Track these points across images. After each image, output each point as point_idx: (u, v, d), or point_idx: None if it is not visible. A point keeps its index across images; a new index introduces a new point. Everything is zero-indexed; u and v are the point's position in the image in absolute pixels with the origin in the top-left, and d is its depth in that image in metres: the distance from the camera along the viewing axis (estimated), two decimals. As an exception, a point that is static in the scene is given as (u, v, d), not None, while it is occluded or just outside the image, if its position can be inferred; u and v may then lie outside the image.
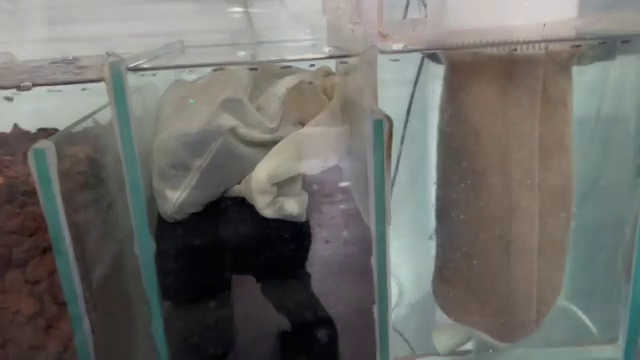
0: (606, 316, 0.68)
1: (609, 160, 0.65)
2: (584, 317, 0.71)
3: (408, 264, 0.77)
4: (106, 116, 0.48)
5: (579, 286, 0.69)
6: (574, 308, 0.72)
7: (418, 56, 0.53)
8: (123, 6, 0.68)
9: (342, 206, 0.48)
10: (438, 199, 0.55)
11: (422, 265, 0.70)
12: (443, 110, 0.51)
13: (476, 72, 0.47)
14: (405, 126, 0.75)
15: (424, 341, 0.70)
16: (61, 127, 0.54)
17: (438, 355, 0.69)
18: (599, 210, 0.63)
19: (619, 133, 0.64)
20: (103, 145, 0.51)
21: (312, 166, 0.46)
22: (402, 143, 0.75)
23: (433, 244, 0.68)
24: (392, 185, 0.79)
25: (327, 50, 0.55)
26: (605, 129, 0.65)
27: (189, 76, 0.54)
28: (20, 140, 0.54)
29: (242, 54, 0.51)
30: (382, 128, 0.43)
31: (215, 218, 0.45)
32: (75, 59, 0.60)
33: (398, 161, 0.76)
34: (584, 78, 0.53)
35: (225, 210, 0.45)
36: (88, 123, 0.50)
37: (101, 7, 0.67)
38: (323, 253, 0.47)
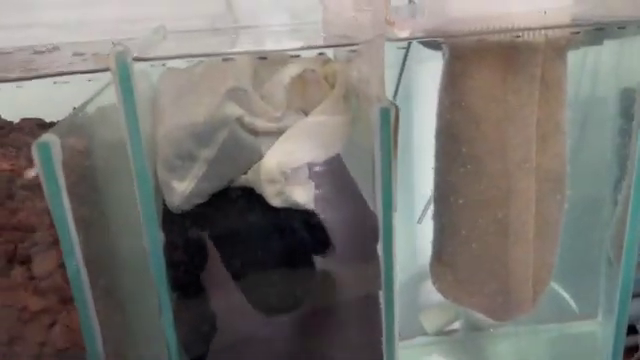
0: (585, 293, 0.71)
1: (586, 143, 0.67)
2: (565, 294, 0.74)
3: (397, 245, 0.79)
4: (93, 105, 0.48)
5: (561, 264, 0.71)
6: (557, 286, 0.74)
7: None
8: None
9: (347, 194, 0.48)
10: (437, 185, 0.56)
11: (408, 248, 0.71)
12: (443, 97, 0.52)
13: (478, 59, 0.48)
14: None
15: (411, 323, 0.72)
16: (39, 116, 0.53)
17: (426, 335, 0.71)
18: (578, 190, 0.65)
19: (596, 115, 0.66)
20: (94, 135, 0.50)
21: (318, 155, 0.46)
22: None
23: (420, 228, 0.70)
24: None
25: (323, 37, 0.55)
26: (583, 111, 0.67)
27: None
28: (6, 130, 0.52)
29: (246, 44, 0.50)
30: (389, 116, 0.43)
31: (223, 208, 0.45)
32: (55, 47, 0.59)
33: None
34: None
35: (234, 200, 0.45)
36: (77, 114, 0.49)
37: None
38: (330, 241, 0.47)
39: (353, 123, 0.49)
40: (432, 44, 0.52)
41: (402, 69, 0.71)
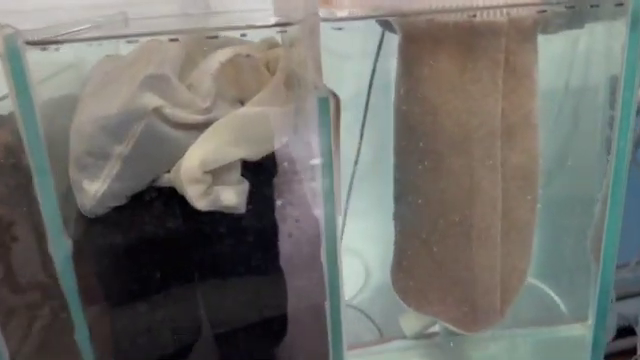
0: (576, 295, 0.66)
1: (576, 135, 0.62)
2: (554, 296, 0.69)
3: (375, 245, 0.75)
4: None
5: (549, 265, 0.66)
6: (544, 287, 0.70)
7: (372, 25, 0.48)
8: None
9: (288, 194, 0.43)
10: (396, 182, 0.51)
11: (390, 246, 0.69)
12: (398, 86, 0.47)
13: (432, 42, 0.43)
14: (367, 101, 0.71)
15: (392, 324, 0.68)
16: None
17: (406, 339, 0.66)
18: (567, 187, 0.60)
19: (587, 107, 0.60)
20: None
21: (252, 150, 0.41)
22: (364, 119, 0.71)
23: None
24: (355, 164, 0.76)
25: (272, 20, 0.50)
26: (572, 103, 0.62)
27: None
28: None
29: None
30: (328, 106, 0.38)
31: (141, 212, 0.40)
32: None
33: (361, 138, 0.72)
34: (550, 48, 0.49)
35: (152, 202, 0.40)
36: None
37: None
38: (267, 248, 0.42)
39: (297, 114, 0.44)
40: (386, 24, 0.47)
41: (377, 55, 0.66)
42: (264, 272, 0.43)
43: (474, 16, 0.39)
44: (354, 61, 0.69)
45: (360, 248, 0.76)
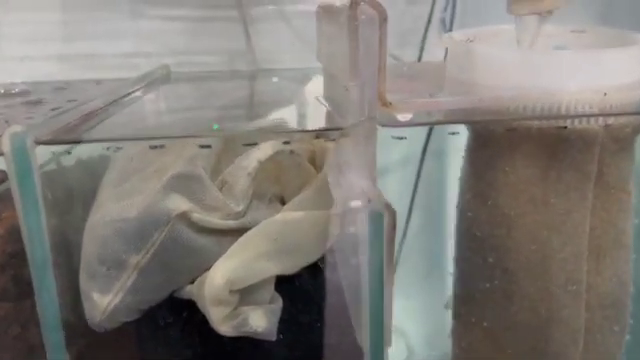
0: None
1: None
2: None
3: (419, 324, 0.69)
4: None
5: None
6: None
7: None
8: (106, 21, 0.60)
9: (327, 317, 0.37)
10: (456, 296, 0.43)
11: (434, 325, 0.63)
12: (465, 188, 0.40)
13: (509, 146, 0.36)
14: (418, 176, 0.65)
15: None
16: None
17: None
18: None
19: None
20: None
21: (290, 264, 0.35)
22: (415, 189, 0.66)
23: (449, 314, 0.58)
24: (403, 237, 0.69)
25: (322, 103, 0.45)
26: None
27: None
28: None
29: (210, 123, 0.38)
30: (382, 222, 0.32)
31: (155, 331, 0.34)
32: (24, 91, 0.50)
33: (410, 211, 0.66)
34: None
35: (169, 321, 0.34)
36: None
37: (81, 23, 0.59)
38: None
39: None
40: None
41: (422, 159, 0.60)
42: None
43: (565, 127, 0.33)
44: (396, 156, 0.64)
45: (403, 326, 0.70)
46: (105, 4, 0.60)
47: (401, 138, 0.31)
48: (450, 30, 0.67)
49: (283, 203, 0.39)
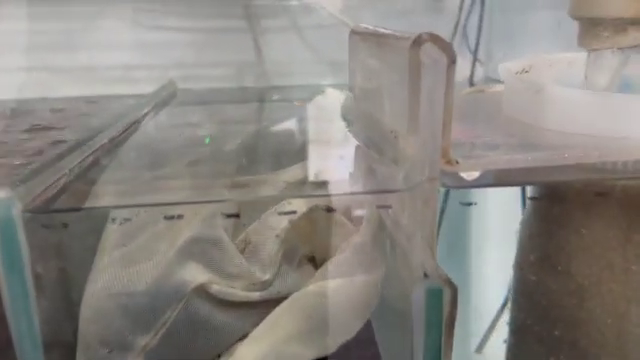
0: None
1: None
2: None
3: None
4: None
5: None
6: None
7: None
8: (112, 33, 0.56)
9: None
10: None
11: None
12: (527, 247, 0.34)
13: (589, 204, 0.30)
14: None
15: None
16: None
17: None
18: None
19: None
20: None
21: (326, 344, 0.30)
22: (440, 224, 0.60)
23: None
24: None
25: (349, 133, 0.39)
26: None
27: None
28: None
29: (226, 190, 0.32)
30: (440, 300, 0.26)
31: None
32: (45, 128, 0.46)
33: None
34: None
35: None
36: None
37: (87, 34, 0.56)
38: None
39: (384, 284, 0.33)
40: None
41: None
42: None
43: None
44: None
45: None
46: (106, 13, 0.56)
47: (470, 204, 0.26)
48: (476, 48, 0.62)
49: (314, 263, 0.34)
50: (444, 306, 0.27)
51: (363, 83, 0.35)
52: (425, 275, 0.26)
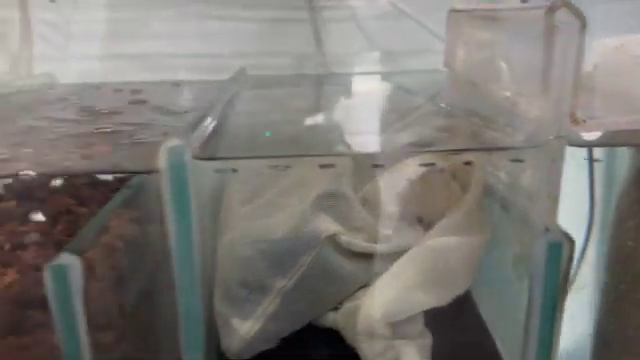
0: None
1: None
2: None
3: None
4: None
5: None
6: None
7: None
8: (176, 22, 0.58)
9: (477, 352, 0.33)
10: (599, 334, 0.39)
11: None
12: (625, 214, 0.36)
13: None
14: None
15: None
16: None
17: None
18: None
19: None
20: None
21: (444, 295, 0.32)
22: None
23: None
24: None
25: (443, 106, 0.41)
26: None
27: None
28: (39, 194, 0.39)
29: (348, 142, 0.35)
30: (560, 254, 0.29)
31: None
32: (136, 91, 0.49)
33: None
34: None
35: (308, 351, 0.31)
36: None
37: (153, 23, 0.58)
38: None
39: (489, 245, 0.35)
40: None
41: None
42: None
43: None
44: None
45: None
46: (172, 4, 0.59)
47: (596, 160, 0.28)
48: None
49: (422, 223, 0.36)
50: (563, 260, 0.29)
51: (468, 56, 0.37)
52: (546, 230, 0.29)
